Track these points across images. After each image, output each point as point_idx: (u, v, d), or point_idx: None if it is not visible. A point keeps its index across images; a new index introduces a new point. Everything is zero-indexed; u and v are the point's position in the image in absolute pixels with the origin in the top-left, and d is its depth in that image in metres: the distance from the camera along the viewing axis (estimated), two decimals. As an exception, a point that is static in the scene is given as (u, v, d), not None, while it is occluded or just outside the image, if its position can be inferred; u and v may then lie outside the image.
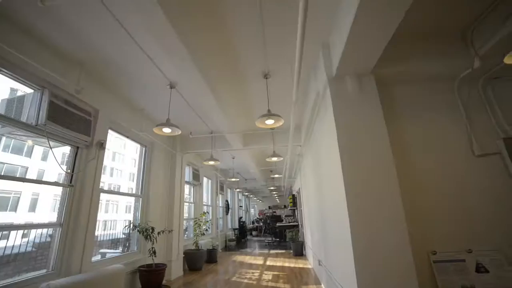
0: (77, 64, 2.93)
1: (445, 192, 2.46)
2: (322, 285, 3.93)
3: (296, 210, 9.66)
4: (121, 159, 24.15)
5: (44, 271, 2.58)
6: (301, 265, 5.66)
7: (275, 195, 18.35)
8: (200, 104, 3.95)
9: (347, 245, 2.24)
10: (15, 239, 2.44)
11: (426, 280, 2.26)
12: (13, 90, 2.56)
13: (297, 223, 9.16)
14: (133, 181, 23.32)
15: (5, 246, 2.35)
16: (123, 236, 4.29)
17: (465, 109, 2.63)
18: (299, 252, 6.99)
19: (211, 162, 4.97)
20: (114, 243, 4.20)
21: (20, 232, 2.47)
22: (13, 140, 15.70)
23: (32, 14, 2.22)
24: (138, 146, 4.61)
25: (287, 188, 12.31)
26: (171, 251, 4.75)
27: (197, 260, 5.46)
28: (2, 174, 7.87)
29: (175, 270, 4.82)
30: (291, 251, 7.46)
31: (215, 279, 4.70)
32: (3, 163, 15.54)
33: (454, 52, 2.57)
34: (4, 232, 2.33)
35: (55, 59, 2.73)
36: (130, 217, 4.29)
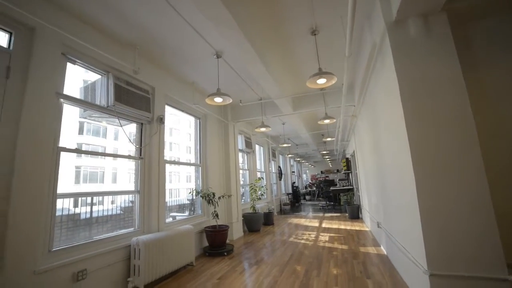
0: (131, 46, 3.13)
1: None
2: (382, 247, 3.86)
3: (350, 174, 9.37)
4: (178, 134, 26.42)
5: (132, 229, 3.10)
6: (357, 228, 5.62)
7: (327, 159, 17.98)
8: (247, 71, 3.91)
9: (412, 205, 2.10)
10: (108, 204, 2.99)
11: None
12: (85, 81, 2.91)
13: (351, 187, 8.94)
14: (190, 153, 25.65)
15: (103, 209, 2.93)
16: (188, 201, 4.80)
17: None
18: (355, 215, 6.91)
19: (262, 129, 5.01)
20: (181, 207, 4.75)
21: (110, 198, 3.01)
22: (92, 124, 18.41)
23: (93, 6, 2.38)
24: (192, 119, 4.90)
25: (340, 152, 11.91)
26: (231, 214, 5.17)
27: (255, 222, 5.86)
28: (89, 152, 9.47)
29: (236, 231, 5.27)
30: (346, 214, 7.41)
31: (273, 239, 5.01)
32: (88, 144, 18.53)
33: None
34: (99, 199, 2.87)
35: (113, 45, 2.96)
36: (190, 186, 4.74)
